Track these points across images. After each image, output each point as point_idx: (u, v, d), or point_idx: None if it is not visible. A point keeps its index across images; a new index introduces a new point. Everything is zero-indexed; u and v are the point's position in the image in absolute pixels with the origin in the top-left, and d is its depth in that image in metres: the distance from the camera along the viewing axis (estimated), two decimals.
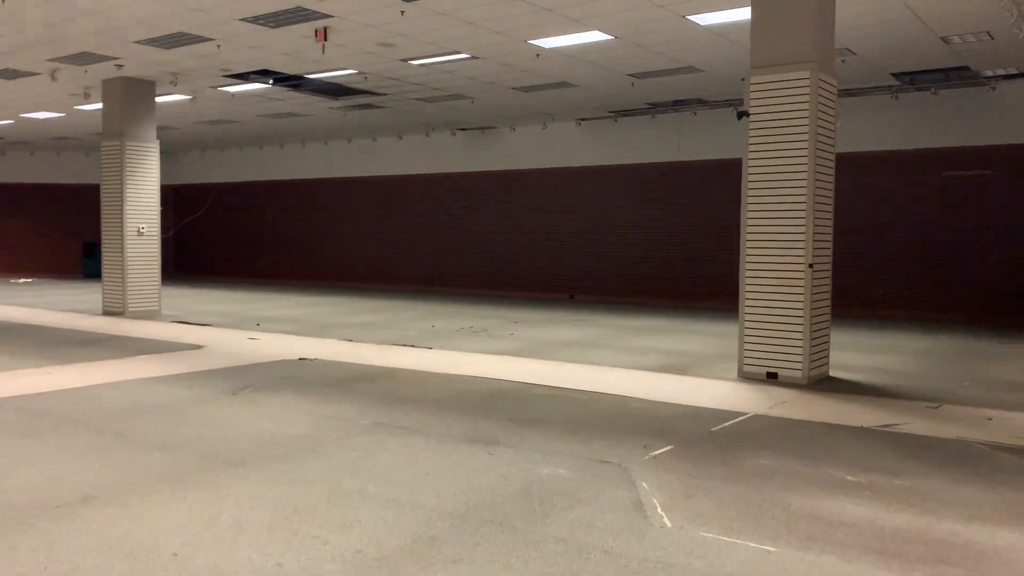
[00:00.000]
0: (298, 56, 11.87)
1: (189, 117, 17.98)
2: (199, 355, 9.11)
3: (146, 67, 12.65)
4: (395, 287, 20.58)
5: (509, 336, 11.05)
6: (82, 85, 14.08)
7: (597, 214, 17.76)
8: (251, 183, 23.72)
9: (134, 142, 13.52)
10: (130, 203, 13.46)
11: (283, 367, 8.33)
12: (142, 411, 6.16)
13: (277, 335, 10.94)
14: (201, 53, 11.71)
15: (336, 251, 22.08)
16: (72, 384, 7.23)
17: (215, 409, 6.28)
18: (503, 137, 19.00)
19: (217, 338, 10.57)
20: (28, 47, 11.42)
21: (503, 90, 14.20)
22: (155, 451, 5.04)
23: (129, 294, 13.43)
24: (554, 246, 18.34)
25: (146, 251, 13.71)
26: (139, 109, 13.64)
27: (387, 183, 20.95)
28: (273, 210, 23.35)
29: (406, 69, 12.62)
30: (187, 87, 14.26)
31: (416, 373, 8.01)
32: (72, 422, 5.77)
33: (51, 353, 9.13)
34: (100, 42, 11.14)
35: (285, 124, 18.64)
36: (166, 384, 7.29)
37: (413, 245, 20.57)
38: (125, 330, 11.38)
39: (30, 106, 16.45)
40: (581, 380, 7.66)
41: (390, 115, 17.06)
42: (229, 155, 24.24)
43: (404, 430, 5.64)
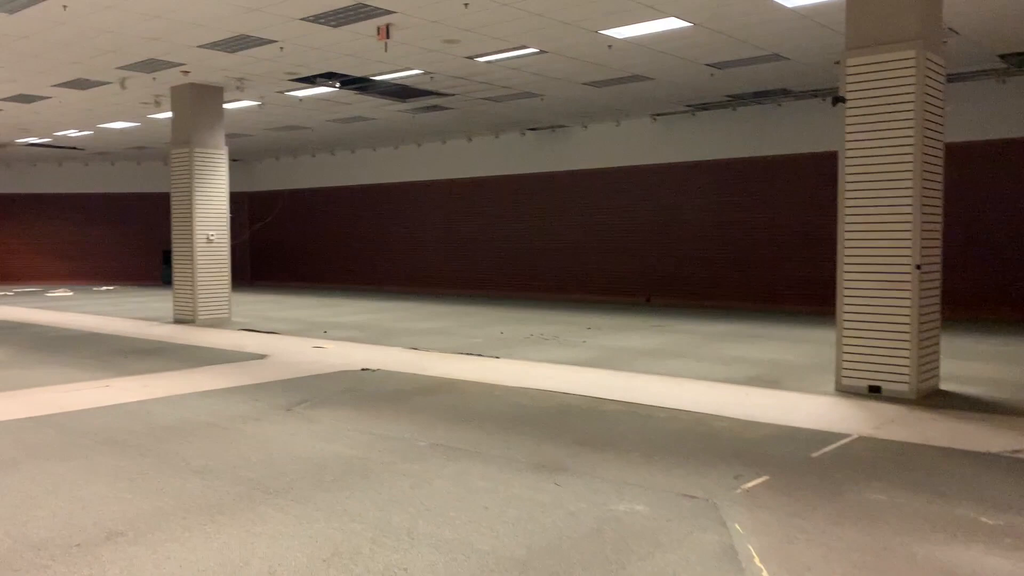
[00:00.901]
0: (362, 57, 11.55)
1: (260, 124, 17.97)
2: (261, 366, 8.82)
3: (212, 72, 12.54)
4: (464, 292, 20.19)
5: (580, 344, 10.46)
6: (152, 93, 14.11)
7: (674, 213, 16.99)
8: (324, 189, 23.73)
9: (203, 149, 13.45)
10: (199, 211, 13.39)
11: (344, 378, 7.94)
12: (189, 430, 5.82)
13: (342, 343, 10.61)
14: (265, 56, 11.50)
15: (407, 255, 21.85)
16: (125, 399, 6.97)
17: (266, 427, 5.89)
18: (575, 136, 18.41)
19: (282, 347, 10.30)
20: (96, 55, 11.40)
21: (574, 86, 13.62)
22: (194, 477, 4.65)
23: (199, 302, 13.36)
24: (629, 247, 17.64)
25: (216, 259, 13.62)
26: (207, 115, 13.56)
27: (457, 186, 20.60)
28: (345, 215, 23.29)
29: (472, 67, 12.17)
30: (254, 92, 14.14)
31: (480, 385, 7.51)
32: (113, 443, 5.45)
33: (114, 364, 8.98)
34: (164, 48, 11.03)
35: (355, 129, 18.46)
36: (221, 398, 6.97)
37: (483, 249, 20.15)
38: (192, 339, 11.24)
39: (105, 116, 16.66)
40: (659, 394, 7.02)
41: (458, 116, 16.67)
42: (302, 162, 24.32)
43: (462, 453, 5.13)
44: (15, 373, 8.37)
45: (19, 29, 9.99)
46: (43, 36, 10.34)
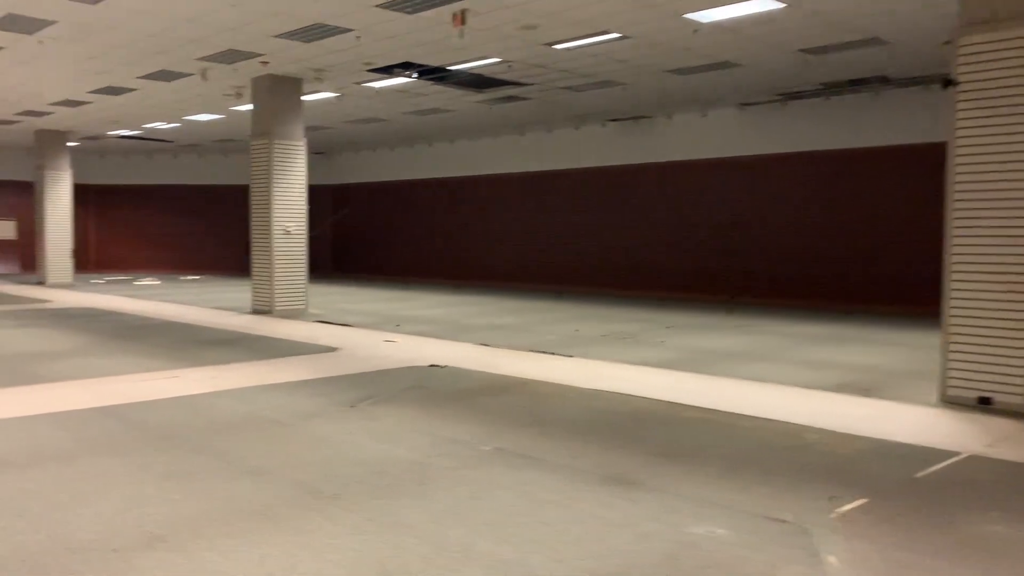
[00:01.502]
0: (438, 45, 11.31)
1: (340, 116, 18.01)
2: (331, 359, 8.68)
3: (290, 63, 12.51)
4: (540, 287, 19.85)
5: (659, 344, 9.99)
6: (233, 85, 14.22)
7: (762, 208, 16.26)
8: (403, 182, 23.75)
9: (282, 141, 13.47)
10: (277, 202, 13.42)
11: (411, 375, 7.70)
12: (248, 425, 5.65)
13: (414, 337, 10.41)
14: (341, 46, 11.38)
15: (483, 249, 21.65)
16: (192, 391, 6.89)
17: (327, 425, 5.68)
18: (658, 127, 17.83)
19: (353, 340, 10.17)
20: (178, 45, 11.49)
21: (657, 73, 13.09)
22: (246, 477, 4.45)
23: (276, 293, 13.40)
24: (713, 243, 16.98)
25: (293, 250, 13.64)
26: (286, 107, 13.57)
27: (535, 179, 20.27)
28: (423, 209, 23.26)
29: (551, 55, 11.79)
30: (332, 84, 14.10)
31: (550, 386, 7.16)
32: (171, 437, 5.31)
33: (188, 354, 8.98)
34: (242, 37, 11.03)
35: (432, 121, 18.32)
36: (286, 392, 6.82)
37: (560, 243, 19.76)
38: (267, 330, 11.23)
39: (190, 108, 16.95)
40: (743, 401, 6.53)
41: (537, 107, 16.31)
42: (381, 155, 24.40)
43: (528, 461, 4.79)
44: (92, 361, 8.44)
45: (104, 19, 10.11)
46: (127, 26, 10.45)
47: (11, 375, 7.55)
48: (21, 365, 8.11)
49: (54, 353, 8.96)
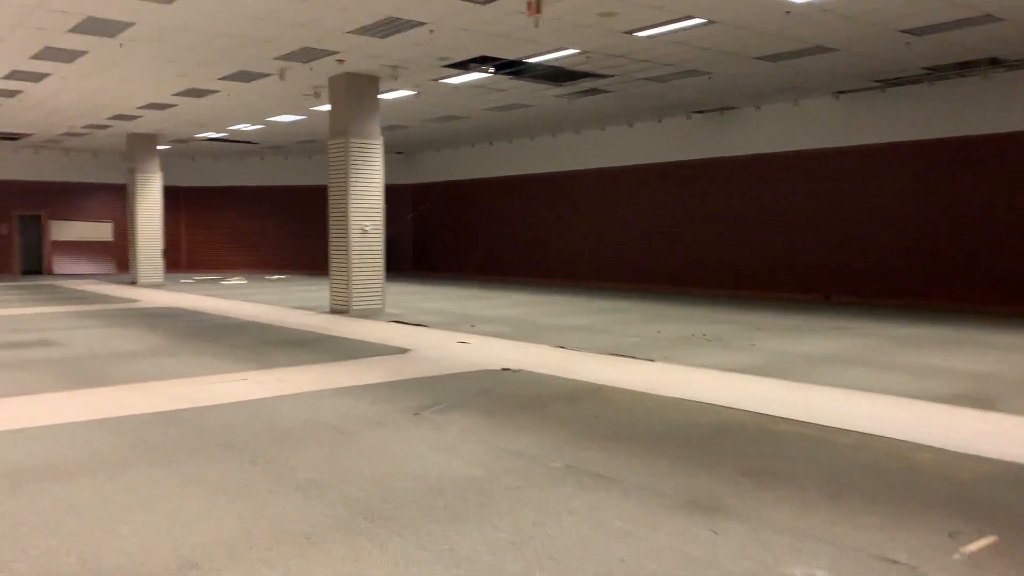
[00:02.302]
0: (514, 37, 10.94)
1: (419, 115, 17.86)
2: (401, 361, 8.41)
3: (366, 60, 12.35)
4: (621, 285, 19.27)
5: (748, 347, 9.36)
6: (311, 84, 14.19)
7: (859, 202, 15.30)
8: (483, 180, 23.52)
9: (358, 139, 13.34)
10: (354, 201, 13.30)
11: (482, 379, 7.34)
12: (308, 434, 5.38)
13: (488, 338, 10.07)
14: (416, 40, 11.13)
15: (563, 247, 21.20)
16: (257, 394, 6.70)
17: (388, 434, 5.36)
18: (746, 118, 17.03)
19: (427, 341, 9.89)
20: (253, 45, 11.46)
21: (745, 61, 12.39)
22: (296, 494, 4.15)
23: (353, 293, 13.29)
24: (806, 239, 16.10)
25: (370, 249, 13.50)
26: (363, 105, 13.44)
27: (617, 175, 19.70)
28: (503, 206, 22.97)
29: (632, 43, 11.27)
30: (409, 81, 13.91)
31: (629, 394, 6.67)
32: (229, 446, 5.08)
33: (259, 355, 8.86)
34: (316, 34, 10.90)
35: (511, 117, 17.98)
36: (351, 397, 6.55)
37: (642, 240, 19.14)
38: (341, 330, 11.08)
39: (271, 109, 17.07)
40: (843, 413, 5.92)
41: (618, 100, 15.77)
42: (462, 153, 24.23)
43: (601, 480, 4.34)
44: (164, 362, 8.40)
45: (178, 20, 10.12)
46: (200, 26, 10.44)
47: (83, 376, 7.53)
48: (95, 366, 8.11)
49: (129, 353, 8.97)
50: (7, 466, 4.61)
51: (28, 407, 6.25)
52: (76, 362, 8.36)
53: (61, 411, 6.07)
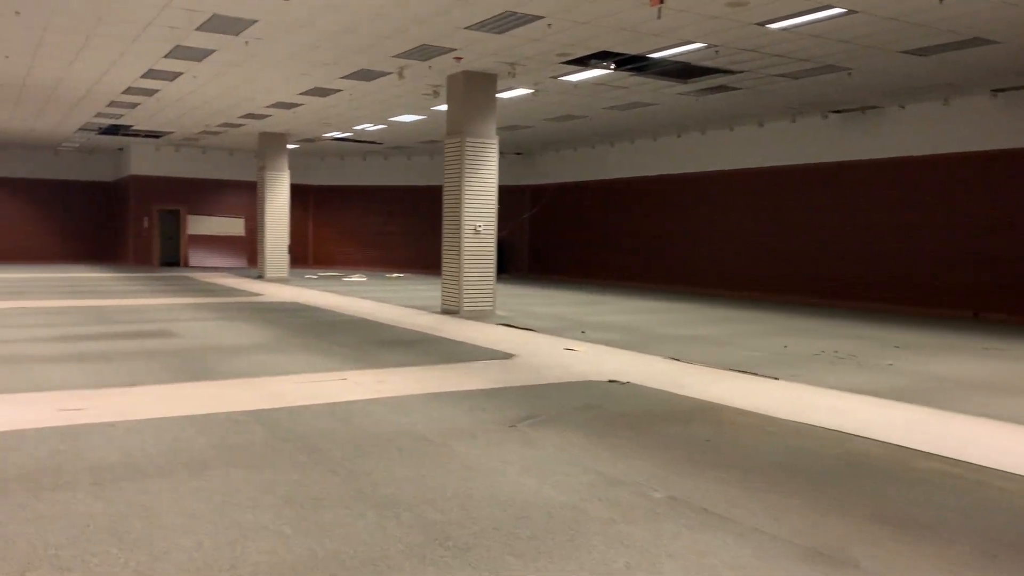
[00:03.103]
0: (635, 31, 10.43)
1: (538, 115, 17.56)
2: (504, 367, 8.06)
3: (483, 57, 12.12)
4: (745, 294, 18.31)
5: (885, 367, 8.49)
6: (430, 83, 14.11)
7: (1018, 210, 13.86)
8: (603, 182, 22.98)
9: (474, 139, 13.13)
10: (468, 201, 13.10)
11: (587, 391, 6.90)
12: (396, 442, 5.09)
13: (598, 346, 9.59)
14: (533, 35, 10.79)
15: (683, 252, 20.38)
16: (352, 396, 6.50)
17: (479, 448, 5.00)
18: (889, 118, 15.79)
19: (533, 346, 9.52)
20: (372, 42, 11.43)
21: (890, 55, 11.39)
22: (371, 512, 3.84)
23: (464, 294, 13.10)
24: (954, 249, 14.75)
25: (482, 250, 13.27)
26: (479, 104, 13.23)
27: (744, 177, 18.75)
28: (623, 208, 22.35)
29: (764, 36, 10.53)
30: (527, 78, 13.60)
31: (749, 416, 6.07)
32: (312, 451, 4.85)
33: (364, 354, 8.73)
34: (433, 31, 10.73)
35: (633, 116, 17.39)
36: (446, 404, 6.25)
37: (769, 246, 18.12)
38: (448, 332, 10.87)
39: (393, 109, 17.17)
40: (998, 452, 5.13)
41: (748, 98, 14.93)
42: (582, 154, 23.77)
43: (709, 519, 3.83)
44: (270, 358, 8.38)
45: (298, 16, 10.16)
46: (320, 23, 10.46)
47: (190, 369, 7.58)
48: (204, 359, 8.17)
49: (240, 348, 9.04)
50: (95, 461, 4.53)
51: (130, 399, 6.27)
52: (188, 354, 8.46)
53: (159, 405, 6.05)
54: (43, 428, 5.25)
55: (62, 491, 4.01)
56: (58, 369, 7.45)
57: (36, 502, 3.85)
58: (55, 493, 3.98)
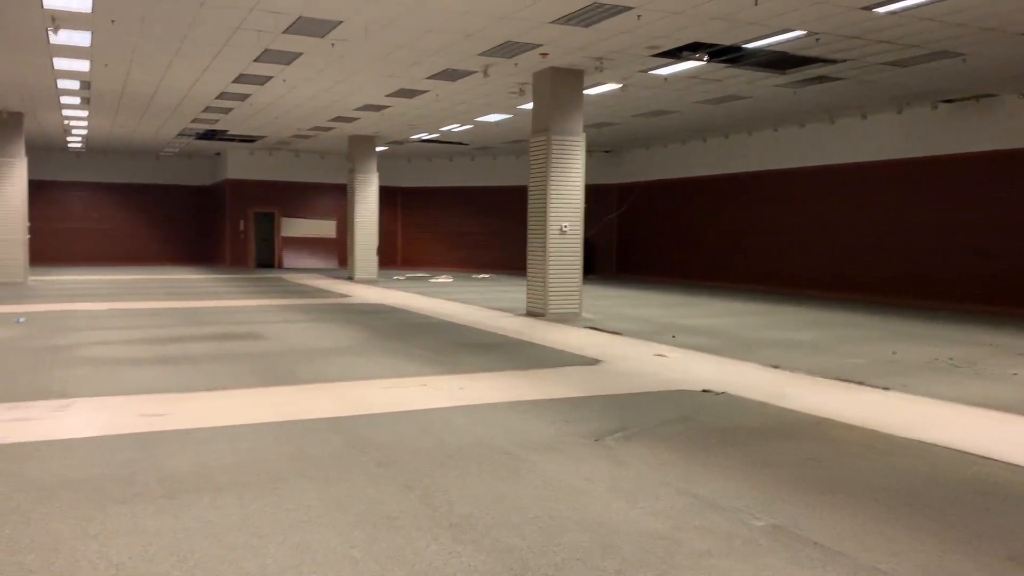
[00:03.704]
0: (731, 19, 9.91)
1: (626, 110, 17.10)
2: (590, 374, 7.72)
3: (570, 53, 11.79)
4: (845, 295, 17.38)
5: (1009, 377, 7.76)
6: (516, 81, 13.87)
7: None
8: (694, 179, 22.28)
9: (560, 136, 12.82)
10: (553, 200, 12.79)
11: (678, 402, 6.49)
12: (475, 454, 4.83)
13: (690, 352, 9.14)
14: (622, 28, 10.40)
15: (780, 252, 19.53)
16: (433, 403, 6.28)
17: (563, 464, 4.69)
18: (1007, 107, 14.69)
19: (621, 351, 9.15)
20: (456, 40, 11.25)
21: (1009, 38, 10.51)
22: (448, 533, 3.58)
23: (549, 295, 12.80)
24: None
25: (568, 250, 12.94)
26: (566, 101, 12.90)
27: (846, 172, 17.80)
28: (714, 207, 21.62)
29: (870, 21, 9.85)
30: (615, 73, 13.19)
31: (857, 431, 5.55)
32: (389, 463, 4.64)
33: (446, 358, 8.53)
34: (518, 27, 10.47)
35: (727, 110, 16.74)
36: (529, 414, 5.95)
37: (872, 245, 17.14)
38: (533, 335, 10.59)
39: (479, 109, 17.02)
40: None
41: (851, 88, 14.11)
42: (672, 150, 23.13)
43: (819, 553, 3.41)
44: (353, 361, 8.28)
45: (381, 15, 10.06)
46: (404, 22, 10.34)
47: (273, 373, 7.52)
48: (288, 363, 8.12)
49: (324, 351, 8.98)
50: (168, 471, 4.43)
51: (212, 404, 6.22)
52: (273, 358, 8.44)
53: (239, 411, 5.97)
54: (122, 434, 5.21)
55: (131, 504, 3.90)
56: (145, 372, 7.51)
57: (103, 515, 3.74)
58: (123, 506, 3.87)
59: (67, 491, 4.06)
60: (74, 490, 4.08)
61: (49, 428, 5.36)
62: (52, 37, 10.92)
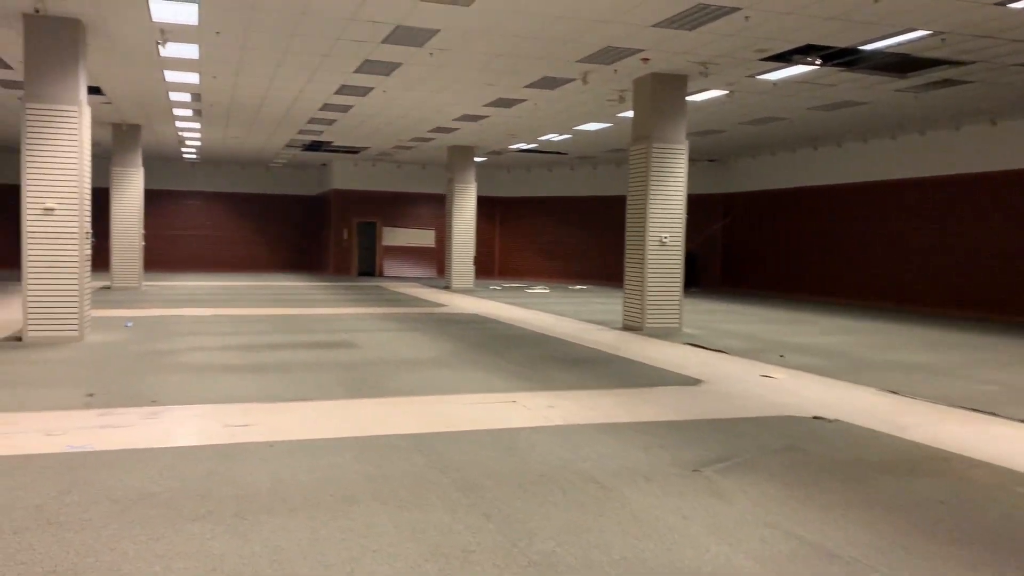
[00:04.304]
0: (847, 19, 9.29)
1: (732, 118, 16.46)
2: (689, 395, 7.28)
3: (673, 57, 11.35)
4: (969, 313, 16.15)
5: None
6: (615, 88, 13.50)
7: None
8: (804, 189, 21.30)
9: (661, 144, 12.37)
10: (653, 210, 12.35)
11: (787, 429, 5.99)
12: (561, 482, 4.51)
13: (799, 373, 8.55)
14: (728, 30, 9.91)
15: (896, 266, 18.38)
16: (520, 422, 6.00)
17: (656, 497, 4.31)
18: None
19: (723, 371, 8.64)
20: (554, 47, 10.99)
21: None
22: (526, 573, 3.28)
23: (647, 309, 12.35)
24: None
25: (668, 262, 12.46)
26: (668, 108, 12.45)
27: (971, 182, 16.59)
28: (826, 218, 20.58)
29: (1003, 18, 9.04)
30: (721, 79, 12.65)
31: (989, 470, 4.94)
32: (469, 488, 4.37)
33: (537, 373, 8.24)
34: (618, 32, 10.12)
35: (841, 117, 15.87)
36: (623, 437, 5.59)
37: (999, 260, 15.88)
38: (629, 351, 10.18)
39: (578, 117, 16.72)
40: None
41: (980, 92, 13.10)
42: (781, 159, 22.19)
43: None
44: (442, 373, 8.09)
45: (478, 23, 9.91)
46: (501, 29, 10.16)
47: (361, 384, 7.41)
48: (376, 373, 8.01)
49: (414, 362, 8.83)
50: (243, 488, 4.30)
51: (296, 415, 6.12)
52: (363, 367, 8.35)
53: (322, 424, 5.84)
54: (204, 446, 5.14)
55: (201, 523, 3.76)
56: (237, 379, 7.52)
57: (172, 533, 3.61)
58: (193, 524, 3.73)
59: (141, 505, 3.97)
60: (148, 505, 3.99)
61: (136, 436, 5.35)
62: (161, 50, 11.26)
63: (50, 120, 9.58)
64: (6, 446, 5.01)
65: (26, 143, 9.52)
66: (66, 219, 9.67)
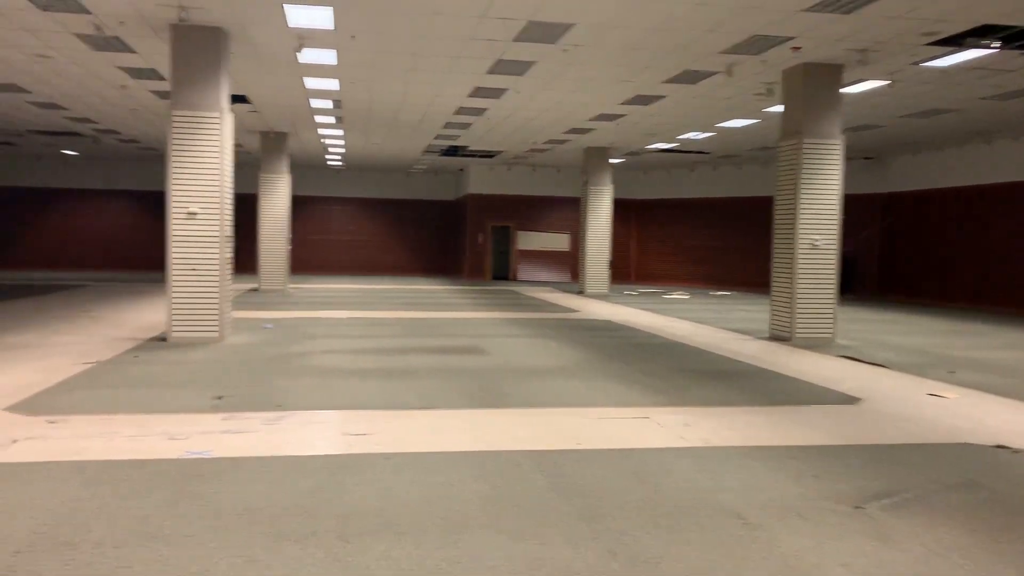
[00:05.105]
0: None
1: (892, 111, 15.14)
2: (846, 416, 6.52)
3: (826, 45, 10.45)
4: None
5: None
6: (763, 81, 12.65)
7: None
8: (973, 187, 19.44)
9: (813, 140, 11.45)
10: (804, 211, 11.44)
11: (964, 459, 5.18)
12: (698, 515, 3.99)
13: (973, 392, 7.56)
14: (891, 12, 8.98)
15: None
16: (652, 442, 5.48)
17: (810, 538, 3.72)
18: None
19: (884, 387, 7.77)
20: (696, 37, 10.35)
21: None
22: None
23: (797, 318, 11.44)
24: None
25: (820, 267, 11.51)
26: (821, 100, 11.50)
27: None
28: (1001, 219, 18.68)
29: None
30: (881, 67, 11.58)
31: None
32: (593, 517, 3.92)
33: (673, 386, 7.66)
34: (767, 18, 9.38)
35: (1018, 107, 14.28)
36: (770, 464, 4.98)
37: None
38: (777, 363, 9.40)
39: (721, 114, 15.88)
40: None
41: None
42: (948, 155, 20.35)
43: None
44: (570, 384, 7.66)
45: (614, 14, 9.42)
46: (638, 20, 9.63)
47: (487, 393, 7.09)
48: (503, 382, 7.68)
49: (542, 370, 8.45)
50: (351, 505, 4.03)
51: (416, 424, 5.86)
52: (489, 375, 8.05)
53: (442, 435, 5.55)
54: (320, 456, 4.94)
55: (302, 544, 3.50)
56: (362, 384, 7.39)
57: (269, 556, 3.37)
58: (294, 546, 3.48)
59: (245, 521, 3.77)
60: (251, 520, 3.78)
61: (253, 443, 5.23)
62: (299, 56, 11.44)
63: (194, 127, 9.87)
64: (129, 449, 4.99)
65: (172, 149, 9.85)
66: (208, 223, 9.93)
